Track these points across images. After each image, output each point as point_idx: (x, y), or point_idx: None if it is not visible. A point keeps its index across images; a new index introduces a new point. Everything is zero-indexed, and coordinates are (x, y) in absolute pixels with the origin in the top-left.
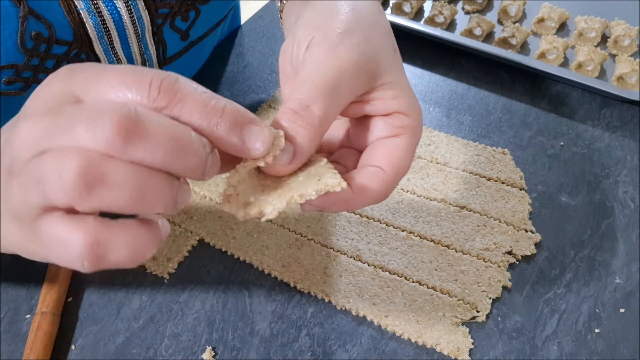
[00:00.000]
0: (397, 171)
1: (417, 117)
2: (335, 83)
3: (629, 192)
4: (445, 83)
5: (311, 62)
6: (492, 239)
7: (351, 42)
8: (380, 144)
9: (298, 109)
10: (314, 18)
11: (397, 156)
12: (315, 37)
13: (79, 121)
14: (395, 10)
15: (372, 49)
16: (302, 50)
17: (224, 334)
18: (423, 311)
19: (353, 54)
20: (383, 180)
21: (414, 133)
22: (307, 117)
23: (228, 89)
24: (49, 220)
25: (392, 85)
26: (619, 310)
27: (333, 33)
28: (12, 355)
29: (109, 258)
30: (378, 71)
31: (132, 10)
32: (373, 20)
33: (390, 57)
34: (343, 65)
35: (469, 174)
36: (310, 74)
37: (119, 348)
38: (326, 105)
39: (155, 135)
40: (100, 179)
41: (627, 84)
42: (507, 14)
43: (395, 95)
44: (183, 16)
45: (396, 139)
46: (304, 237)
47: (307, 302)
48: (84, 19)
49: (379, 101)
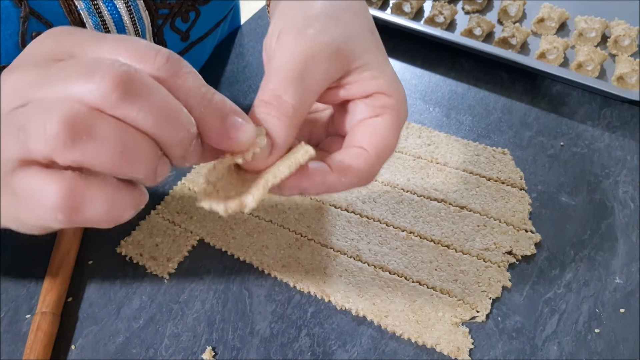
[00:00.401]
0: (379, 150)
1: (398, 96)
2: (304, 69)
3: (629, 192)
4: (445, 83)
5: (280, 50)
6: (492, 239)
7: (320, 27)
8: (361, 124)
9: (270, 99)
10: (286, 9)
11: (380, 135)
12: (285, 25)
13: (74, 72)
14: (395, 10)
15: (344, 32)
16: (273, 41)
17: (224, 334)
18: (423, 311)
19: (322, 38)
20: (365, 160)
21: (397, 112)
22: (280, 107)
23: (228, 89)
24: (25, 174)
25: (369, 67)
26: (619, 310)
27: (301, 20)
28: (12, 355)
29: (84, 212)
30: (352, 53)
31: (132, 10)
32: (347, 4)
33: (367, 38)
34: (312, 51)
35: (469, 174)
36: (279, 62)
37: (119, 348)
38: (298, 92)
39: (151, 98)
40: (86, 131)
41: (627, 84)
42: (507, 14)
43: (374, 76)
44: (183, 17)
45: (378, 118)
46: (304, 237)
47: (307, 302)
48: (84, 19)
49: (356, 84)
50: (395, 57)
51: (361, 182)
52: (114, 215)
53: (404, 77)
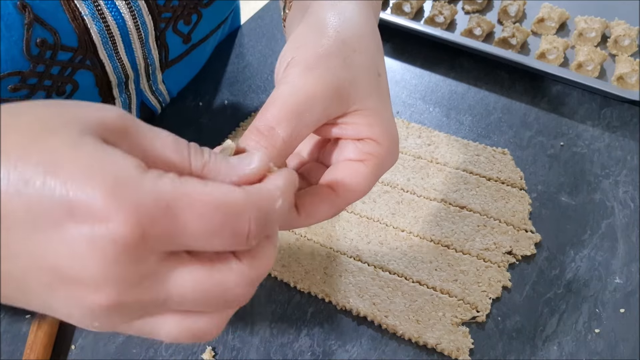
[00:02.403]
0: (348, 196)
1: (388, 145)
2: (303, 106)
3: (629, 192)
4: (445, 83)
5: (285, 82)
6: (492, 239)
7: (327, 66)
8: (344, 165)
9: (263, 129)
10: (299, 37)
11: (354, 181)
12: (295, 57)
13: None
14: (395, 10)
15: (350, 73)
16: (282, 69)
17: (224, 334)
18: (423, 311)
19: (327, 77)
20: (330, 204)
21: (382, 161)
22: (270, 139)
23: (228, 89)
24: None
25: (368, 112)
26: (619, 310)
27: (312, 55)
28: (12, 355)
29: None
30: (354, 97)
31: (135, 15)
32: (359, 44)
33: (372, 82)
34: (315, 89)
35: (469, 174)
36: (281, 94)
37: (119, 348)
38: (292, 127)
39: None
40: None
41: (627, 84)
42: (507, 14)
43: (369, 123)
44: (185, 20)
45: (360, 164)
46: (304, 237)
47: (307, 302)
48: (88, 25)
49: (351, 126)
50: (395, 57)
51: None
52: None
53: (404, 77)
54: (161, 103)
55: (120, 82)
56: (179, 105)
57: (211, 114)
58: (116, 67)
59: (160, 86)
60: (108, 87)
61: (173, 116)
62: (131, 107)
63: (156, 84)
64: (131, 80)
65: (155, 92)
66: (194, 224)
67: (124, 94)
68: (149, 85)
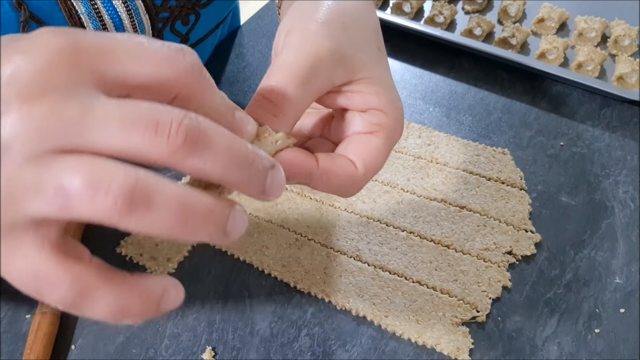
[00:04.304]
0: (367, 169)
1: (396, 115)
2: (309, 69)
3: (629, 192)
4: (445, 83)
5: (287, 48)
6: (492, 239)
7: (329, 32)
8: (355, 139)
9: (270, 95)
10: (297, 11)
11: (370, 154)
12: (295, 26)
13: (133, 120)
14: (395, 10)
15: (351, 42)
16: (281, 39)
17: (224, 334)
18: (423, 311)
19: (329, 42)
20: (350, 173)
21: (391, 132)
22: (277, 105)
23: (228, 89)
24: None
25: (373, 81)
26: (619, 310)
27: (312, 22)
28: (12, 355)
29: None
30: (358, 64)
31: (132, 14)
32: (357, 17)
33: (373, 53)
34: (318, 52)
35: (469, 174)
36: (284, 60)
37: (119, 348)
38: (299, 92)
39: (216, 146)
40: (144, 202)
41: (627, 84)
42: (507, 14)
43: (376, 91)
44: (183, 20)
45: (371, 136)
46: (304, 237)
47: (307, 302)
48: (84, 23)
49: (357, 94)
50: (395, 57)
51: (342, 193)
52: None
53: (404, 77)
54: None
55: None
56: None
57: None
58: None
59: None
60: None
61: None
62: None
63: None
64: None
65: None
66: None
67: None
68: None
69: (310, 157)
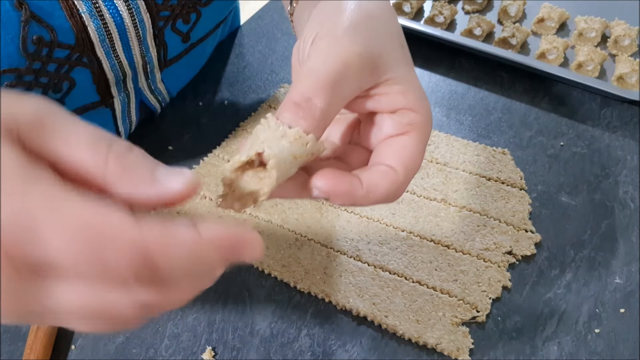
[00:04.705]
0: (408, 170)
1: (425, 113)
2: (338, 75)
3: (629, 192)
4: (445, 83)
5: (315, 54)
6: (492, 239)
7: (356, 36)
8: (389, 142)
9: (300, 100)
10: (320, 15)
11: (408, 156)
12: (320, 31)
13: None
14: (395, 10)
15: (377, 43)
16: (307, 45)
17: (224, 334)
18: (423, 311)
19: (357, 46)
20: (392, 180)
21: (424, 130)
22: (308, 109)
23: (228, 89)
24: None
25: (399, 80)
26: (619, 310)
27: (338, 27)
28: (12, 355)
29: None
30: (384, 66)
31: (133, 12)
32: (380, 17)
33: (398, 52)
34: (347, 58)
35: (469, 174)
36: (313, 66)
37: (119, 348)
38: (329, 97)
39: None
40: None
41: (627, 84)
42: (507, 14)
43: (403, 91)
44: (184, 18)
45: (405, 137)
46: (304, 237)
47: (307, 302)
48: (85, 22)
49: (385, 96)
50: None
51: (388, 200)
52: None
53: None
54: (161, 103)
55: (118, 80)
56: (179, 105)
57: (211, 114)
58: (113, 65)
59: (160, 85)
60: (106, 84)
61: (173, 116)
62: (130, 106)
63: (155, 83)
64: (129, 79)
65: (155, 91)
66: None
67: (123, 92)
68: (147, 84)
69: (353, 180)
